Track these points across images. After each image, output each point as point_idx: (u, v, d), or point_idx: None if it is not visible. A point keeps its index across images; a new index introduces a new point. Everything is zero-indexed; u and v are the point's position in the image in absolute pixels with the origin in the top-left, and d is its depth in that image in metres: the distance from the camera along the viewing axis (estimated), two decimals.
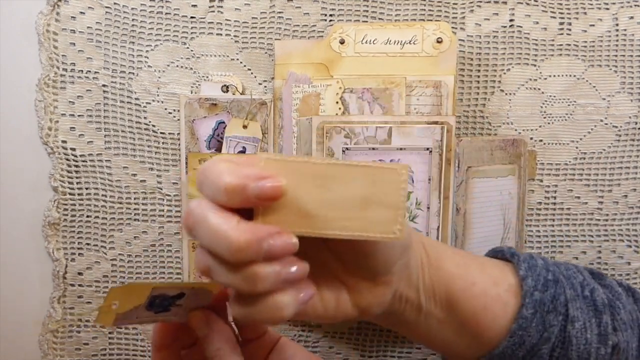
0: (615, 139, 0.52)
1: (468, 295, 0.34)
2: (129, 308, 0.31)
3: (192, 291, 0.32)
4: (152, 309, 0.32)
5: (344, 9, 0.51)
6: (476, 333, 0.35)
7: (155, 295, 0.31)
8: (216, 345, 0.32)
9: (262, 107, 0.51)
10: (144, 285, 0.31)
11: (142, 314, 0.32)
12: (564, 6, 0.51)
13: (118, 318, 0.31)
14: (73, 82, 0.51)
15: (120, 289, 0.31)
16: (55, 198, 0.53)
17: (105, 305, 0.30)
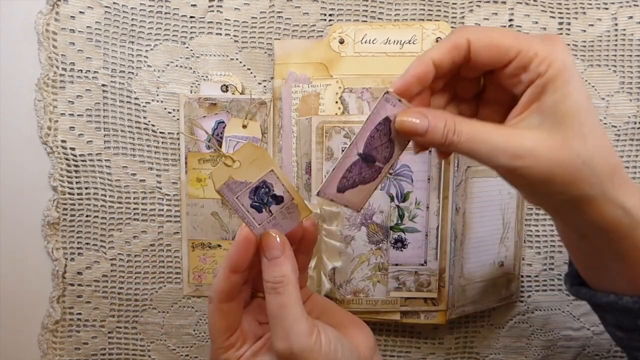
0: (615, 139, 0.52)
1: None
2: (242, 179, 0.32)
3: (291, 204, 0.33)
4: (253, 197, 0.32)
5: (344, 9, 0.51)
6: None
7: (266, 181, 0.32)
8: (283, 272, 0.31)
9: (262, 106, 0.51)
10: (268, 160, 0.32)
11: (243, 196, 0.32)
12: (563, 6, 0.51)
13: (228, 183, 0.32)
14: (72, 81, 0.51)
15: (253, 146, 0.32)
16: (54, 198, 0.53)
17: (231, 156, 0.31)
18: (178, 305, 0.54)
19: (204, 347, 0.55)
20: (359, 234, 0.49)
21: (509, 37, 0.29)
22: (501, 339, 0.55)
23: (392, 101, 0.31)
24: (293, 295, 0.31)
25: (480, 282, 0.51)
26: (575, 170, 0.29)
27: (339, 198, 0.32)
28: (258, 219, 0.33)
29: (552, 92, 0.29)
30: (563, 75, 0.29)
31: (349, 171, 0.32)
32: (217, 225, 0.52)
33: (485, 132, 0.29)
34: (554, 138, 0.29)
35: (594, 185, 0.29)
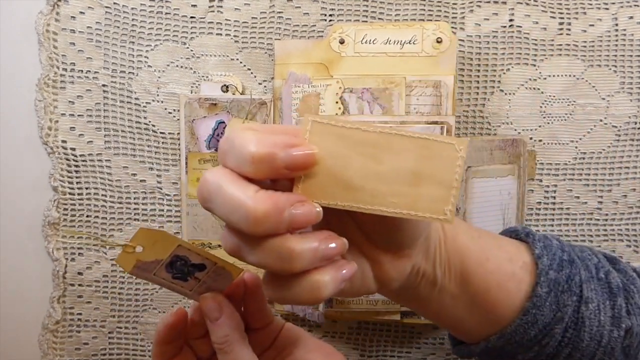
0: (615, 139, 0.52)
1: (482, 271, 0.34)
2: (151, 259, 0.31)
3: (214, 268, 0.32)
4: (171, 270, 0.32)
5: (344, 9, 0.51)
6: (489, 310, 0.34)
7: (178, 255, 0.31)
8: (225, 332, 0.32)
9: (262, 107, 0.51)
10: (171, 238, 0.31)
11: (160, 272, 0.32)
12: (564, 6, 0.51)
13: (138, 266, 0.31)
14: (73, 82, 0.51)
15: (148, 231, 0.30)
16: (55, 198, 0.53)
17: (130, 244, 0.30)
18: (178, 306, 0.54)
19: None
20: None
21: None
22: None
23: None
24: (239, 352, 0.32)
25: None
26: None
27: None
28: (187, 287, 0.33)
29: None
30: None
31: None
32: (218, 226, 0.52)
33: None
34: None
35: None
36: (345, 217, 0.30)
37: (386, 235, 0.30)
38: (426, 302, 0.35)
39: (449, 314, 0.36)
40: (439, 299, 0.35)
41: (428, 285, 0.34)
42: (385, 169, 0.26)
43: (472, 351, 0.37)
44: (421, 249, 0.32)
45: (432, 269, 0.33)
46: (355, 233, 0.30)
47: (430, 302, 0.35)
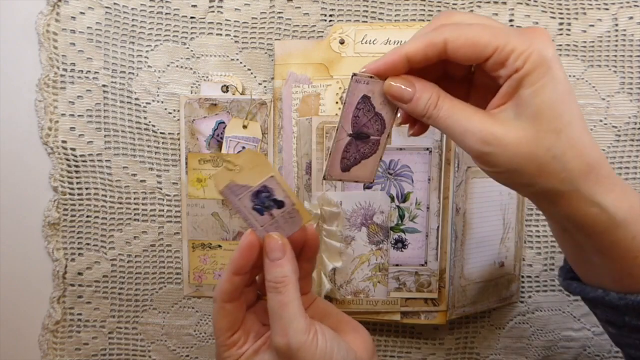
0: (615, 139, 0.52)
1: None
2: (243, 183, 0.33)
3: (290, 209, 0.34)
4: (254, 200, 0.34)
5: (344, 9, 0.51)
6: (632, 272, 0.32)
7: (267, 185, 0.34)
8: (285, 272, 0.33)
9: (262, 107, 0.51)
10: (268, 167, 0.33)
11: (244, 199, 0.34)
12: (564, 6, 0.51)
13: (229, 186, 0.33)
14: (73, 82, 0.51)
15: (254, 152, 0.33)
16: (55, 198, 0.53)
17: (232, 161, 0.33)
18: (178, 306, 0.54)
19: (204, 348, 0.55)
20: (359, 234, 0.49)
21: (486, 34, 0.29)
22: (501, 339, 0.55)
23: (363, 80, 0.32)
24: (293, 294, 0.33)
25: (481, 282, 0.51)
26: (544, 164, 0.29)
27: (346, 176, 0.33)
28: (260, 221, 0.34)
29: (528, 86, 0.29)
30: (540, 70, 0.28)
31: (346, 151, 0.33)
32: (218, 226, 0.52)
33: (463, 113, 0.30)
34: (526, 130, 0.29)
35: (565, 180, 0.29)
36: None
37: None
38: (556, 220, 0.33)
39: (583, 244, 0.33)
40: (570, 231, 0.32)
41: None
42: None
43: (585, 294, 0.35)
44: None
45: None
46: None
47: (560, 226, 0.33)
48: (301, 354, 0.32)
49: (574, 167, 0.29)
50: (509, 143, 0.29)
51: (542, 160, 0.29)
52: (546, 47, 0.29)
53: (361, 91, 0.32)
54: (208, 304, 0.54)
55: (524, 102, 0.29)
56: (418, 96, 0.31)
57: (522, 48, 0.28)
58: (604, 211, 0.30)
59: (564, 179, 0.29)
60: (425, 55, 0.30)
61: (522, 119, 0.29)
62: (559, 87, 0.29)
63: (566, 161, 0.29)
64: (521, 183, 0.31)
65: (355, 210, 0.49)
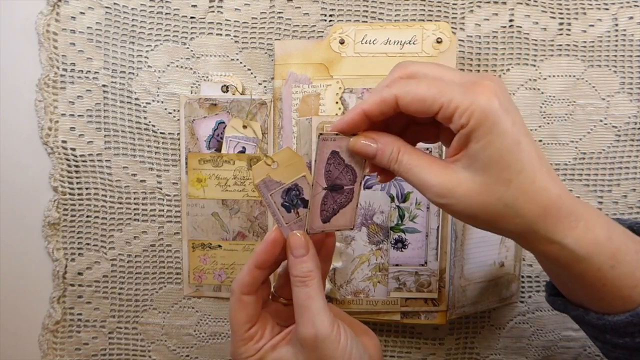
0: (615, 139, 0.52)
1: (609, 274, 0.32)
2: (277, 179, 0.35)
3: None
4: (285, 196, 0.36)
5: (344, 9, 0.51)
6: (603, 297, 0.33)
7: (297, 184, 0.36)
8: (310, 267, 0.34)
9: (262, 107, 0.51)
10: (302, 167, 0.35)
11: (275, 195, 0.36)
12: (564, 6, 0.51)
13: (265, 180, 0.35)
14: (73, 82, 0.51)
15: (291, 151, 0.35)
16: (55, 198, 0.53)
17: (271, 157, 0.35)
18: (178, 306, 0.54)
19: (204, 348, 0.55)
20: (359, 234, 0.49)
21: (432, 91, 0.31)
22: (501, 339, 0.55)
23: (330, 138, 0.34)
24: (318, 288, 0.34)
25: (481, 282, 0.51)
26: (497, 212, 0.31)
27: (327, 227, 0.36)
28: (286, 218, 0.36)
29: (476, 141, 0.30)
30: (484, 125, 0.30)
31: (324, 204, 0.35)
32: (218, 226, 0.52)
33: (420, 167, 0.32)
34: (476, 182, 0.31)
35: (520, 224, 0.31)
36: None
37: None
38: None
39: (555, 272, 0.35)
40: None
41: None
42: None
43: (568, 311, 0.37)
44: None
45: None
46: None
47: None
48: (326, 345, 0.33)
49: (527, 212, 0.31)
50: (462, 195, 0.31)
51: (494, 208, 0.31)
52: (489, 101, 0.30)
53: (329, 147, 0.34)
54: (208, 304, 0.54)
55: (473, 156, 0.31)
56: (381, 152, 0.33)
57: (465, 105, 0.30)
58: (564, 248, 0.32)
59: (519, 223, 0.31)
60: (380, 111, 0.32)
61: (472, 171, 0.31)
62: (506, 140, 0.30)
63: (518, 207, 0.31)
64: (481, 227, 0.33)
65: None
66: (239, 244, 0.52)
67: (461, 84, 0.31)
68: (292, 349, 0.35)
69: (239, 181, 0.52)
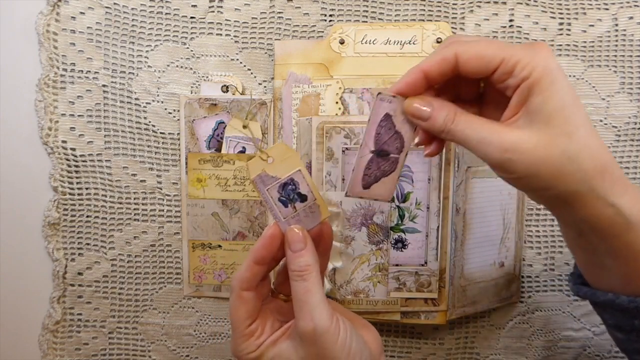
0: (615, 139, 0.52)
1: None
2: (273, 174, 0.36)
3: (312, 203, 0.36)
4: (282, 191, 0.36)
5: (344, 9, 0.51)
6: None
7: (293, 179, 0.36)
8: (308, 261, 0.34)
9: (262, 107, 0.51)
10: (297, 161, 0.36)
11: (272, 190, 0.36)
12: (564, 6, 0.51)
13: (261, 175, 0.36)
14: (73, 82, 0.51)
15: (285, 146, 0.36)
16: (55, 198, 0.53)
17: (266, 152, 0.36)
18: (178, 306, 0.54)
19: (204, 348, 0.55)
20: (359, 234, 0.49)
21: (492, 47, 0.31)
22: (502, 339, 0.55)
23: (386, 99, 0.34)
24: (316, 281, 0.34)
25: (481, 282, 0.51)
26: (560, 166, 0.30)
27: (366, 194, 0.35)
28: (283, 213, 0.36)
29: (537, 94, 0.30)
30: (546, 78, 0.30)
31: (368, 168, 0.35)
32: (218, 226, 0.52)
33: (479, 124, 0.32)
34: (540, 136, 0.30)
35: (581, 181, 0.31)
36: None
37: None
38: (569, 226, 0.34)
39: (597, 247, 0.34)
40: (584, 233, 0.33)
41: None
42: None
43: (596, 297, 0.36)
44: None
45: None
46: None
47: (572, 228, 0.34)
48: (325, 338, 0.33)
49: (588, 167, 0.30)
50: (526, 149, 0.31)
51: (557, 162, 0.30)
52: (549, 59, 0.31)
53: (384, 109, 0.34)
54: (208, 304, 0.54)
55: (535, 110, 0.31)
56: (436, 114, 0.33)
57: (527, 59, 0.30)
58: (619, 212, 0.31)
59: (580, 179, 0.30)
60: (440, 70, 0.32)
61: (535, 125, 0.31)
62: (567, 95, 0.30)
63: (580, 162, 0.30)
64: (539, 187, 0.32)
65: (355, 210, 0.49)
66: (239, 244, 0.52)
67: (518, 45, 0.31)
68: (292, 343, 0.35)
69: (239, 181, 0.52)
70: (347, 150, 0.48)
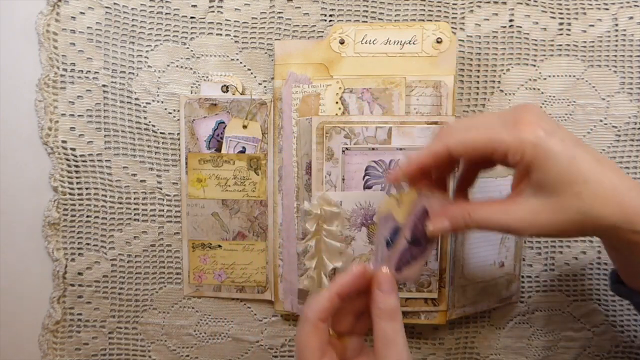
0: (615, 139, 0.52)
1: None
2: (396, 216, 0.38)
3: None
4: (393, 234, 0.38)
5: (344, 9, 0.51)
6: None
7: (403, 226, 0.38)
8: (396, 303, 0.36)
9: (262, 107, 0.51)
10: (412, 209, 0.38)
11: (386, 229, 0.38)
12: (564, 6, 0.51)
13: (386, 215, 0.38)
14: (73, 82, 0.51)
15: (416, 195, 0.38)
16: (55, 198, 0.53)
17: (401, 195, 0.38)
18: (178, 306, 0.54)
19: (204, 348, 0.55)
20: (359, 234, 0.49)
21: (481, 136, 0.34)
22: (502, 339, 0.55)
23: (426, 196, 0.37)
24: (401, 321, 0.36)
25: (481, 282, 0.51)
26: (579, 222, 0.33)
27: (397, 275, 0.38)
28: (382, 253, 0.38)
29: (535, 171, 0.32)
30: (537, 157, 0.32)
31: (403, 254, 0.38)
32: (218, 226, 0.52)
33: (494, 214, 0.35)
34: (552, 205, 0.33)
35: (603, 226, 0.32)
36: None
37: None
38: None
39: (631, 259, 0.36)
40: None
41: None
42: None
43: (632, 296, 0.39)
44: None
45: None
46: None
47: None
48: None
49: (606, 214, 0.32)
50: (544, 221, 0.33)
51: (577, 220, 0.33)
52: (534, 133, 0.32)
53: (422, 204, 0.37)
54: (208, 304, 0.54)
55: (538, 184, 0.33)
56: (454, 223, 0.36)
57: (516, 144, 0.32)
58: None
59: (602, 225, 0.32)
60: (435, 163, 0.36)
61: (542, 196, 0.33)
62: (561, 161, 0.32)
63: (597, 213, 0.32)
64: (573, 237, 0.37)
65: (355, 210, 0.49)
66: (239, 244, 0.52)
67: (504, 124, 0.33)
68: None
69: (239, 181, 0.52)
70: (347, 150, 0.48)
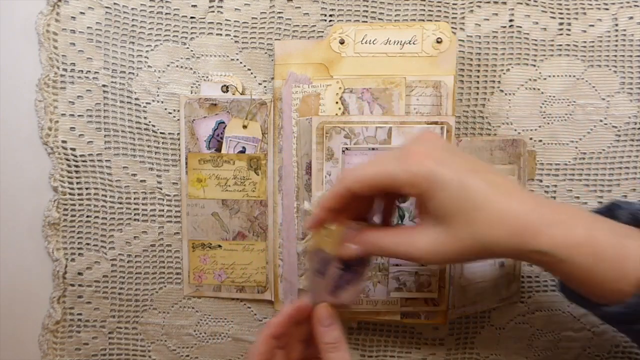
0: (615, 139, 0.52)
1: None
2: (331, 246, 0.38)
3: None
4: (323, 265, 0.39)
5: (344, 9, 0.51)
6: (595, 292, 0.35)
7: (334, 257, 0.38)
8: (338, 335, 0.37)
9: (262, 107, 0.51)
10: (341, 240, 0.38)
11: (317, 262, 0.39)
12: (564, 6, 0.51)
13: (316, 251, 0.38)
14: (73, 82, 0.51)
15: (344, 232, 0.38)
16: (55, 198, 0.53)
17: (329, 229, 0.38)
18: (178, 306, 0.54)
19: (204, 348, 0.55)
20: None
21: (374, 173, 0.35)
22: (502, 339, 0.55)
23: (351, 227, 0.38)
24: (346, 351, 0.37)
25: (481, 282, 0.51)
26: (478, 248, 0.34)
27: (333, 300, 0.39)
28: (316, 284, 0.39)
29: (429, 201, 0.34)
30: (428, 188, 0.33)
31: (339, 279, 0.39)
32: (218, 226, 0.52)
33: (398, 245, 0.36)
34: (450, 234, 0.34)
35: (501, 249, 0.34)
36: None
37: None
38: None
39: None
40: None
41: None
42: None
43: (577, 301, 0.38)
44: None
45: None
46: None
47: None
48: None
49: (501, 238, 0.33)
50: (445, 251, 0.34)
51: (475, 246, 0.34)
52: (422, 165, 0.34)
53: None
54: (208, 304, 0.54)
55: (434, 213, 0.34)
56: (363, 248, 0.37)
57: (406, 177, 0.34)
58: (546, 255, 0.33)
59: (500, 249, 0.33)
60: (342, 204, 0.37)
61: (441, 225, 0.34)
62: (451, 190, 0.33)
63: (492, 238, 0.33)
64: (475, 261, 0.38)
65: None
66: (239, 244, 0.52)
67: (397, 158, 0.35)
68: None
69: (239, 181, 0.52)
70: (347, 150, 0.48)
